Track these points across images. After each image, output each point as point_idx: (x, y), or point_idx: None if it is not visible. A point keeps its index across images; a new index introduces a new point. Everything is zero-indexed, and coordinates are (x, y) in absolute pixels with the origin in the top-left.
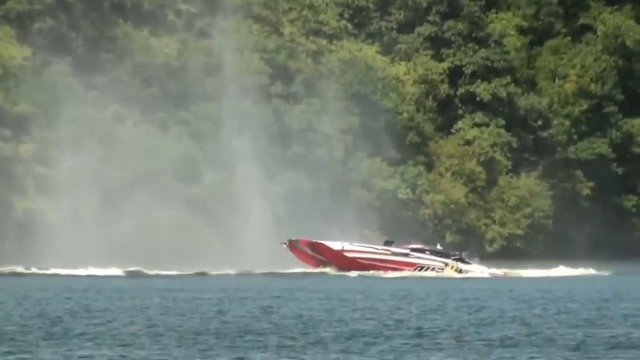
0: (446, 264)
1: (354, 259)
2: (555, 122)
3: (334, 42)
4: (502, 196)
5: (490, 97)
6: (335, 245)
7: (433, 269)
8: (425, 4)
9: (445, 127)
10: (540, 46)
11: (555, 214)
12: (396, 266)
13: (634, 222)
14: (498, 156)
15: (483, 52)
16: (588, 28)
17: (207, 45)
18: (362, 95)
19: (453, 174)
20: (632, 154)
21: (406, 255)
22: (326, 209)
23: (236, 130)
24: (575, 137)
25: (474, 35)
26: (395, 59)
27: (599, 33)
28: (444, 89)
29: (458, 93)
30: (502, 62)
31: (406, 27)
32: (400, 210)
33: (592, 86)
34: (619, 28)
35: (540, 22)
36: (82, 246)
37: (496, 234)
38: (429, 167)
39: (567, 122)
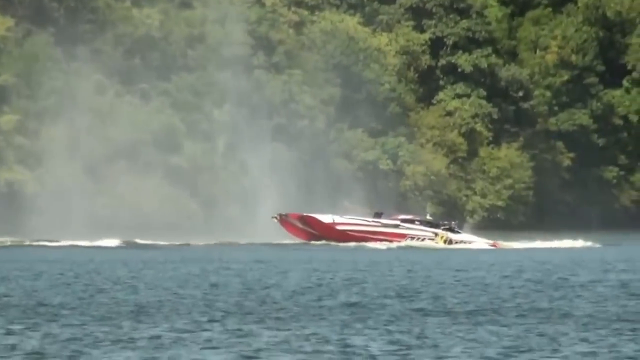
0: (436, 234)
1: (344, 231)
2: (536, 93)
3: (316, 13)
4: (483, 167)
5: (472, 68)
6: (326, 218)
7: (423, 239)
8: None
9: (427, 98)
10: (522, 17)
11: (536, 185)
12: (387, 237)
13: (615, 193)
14: (479, 127)
15: (464, 23)
16: None
17: (189, 16)
18: (343, 66)
19: (434, 145)
20: (612, 125)
21: (396, 226)
22: (307, 180)
23: (218, 101)
24: (556, 108)
25: (455, 6)
26: (377, 30)
27: (579, 4)
28: (426, 60)
29: (439, 64)
30: (483, 33)
31: None
32: (381, 181)
33: (573, 57)
34: None
35: None
36: (65, 217)
37: (477, 205)
38: (410, 138)
39: (548, 93)
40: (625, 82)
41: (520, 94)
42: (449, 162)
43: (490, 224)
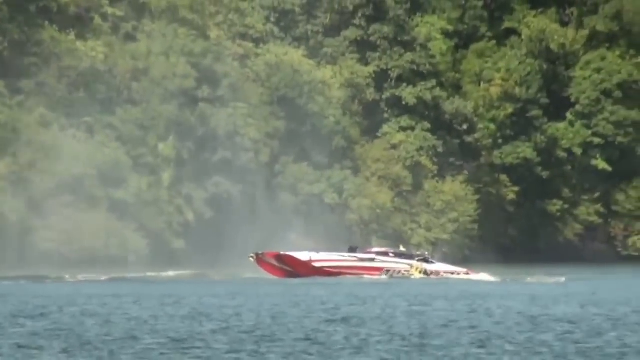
0: (411, 265)
1: (322, 268)
2: (481, 126)
3: (261, 45)
4: (428, 201)
5: (416, 101)
6: (303, 255)
7: (399, 271)
8: (351, 8)
9: (372, 131)
10: (466, 50)
11: (480, 218)
12: (364, 272)
13: (559, 226)
14: (424, 160)
15: (409, 56)
16: (513, 31)
17: (134, 49)
18: (288, 99)
19: (379, 178)
20: (556, 158)
21: (372, 260)
22: (253, 214)
23: (163, 135)
24: (500, 141)
25: (399, 39)
26: (322, 63)
27: (523, 36)
28: (370, 92)
29: (384, 97)
30: (427, 65)
31: (332, 30)
32: (326, 215)
33: (517, 90)
34: (544, 31)
35: (465, 26)
36: (7, 252)
37: (422, 238)
38: (356, 171)
39: (493, 126)
40: (569, 115)
41: (465, 127)
42: (394, 195)
43: (436, 258)
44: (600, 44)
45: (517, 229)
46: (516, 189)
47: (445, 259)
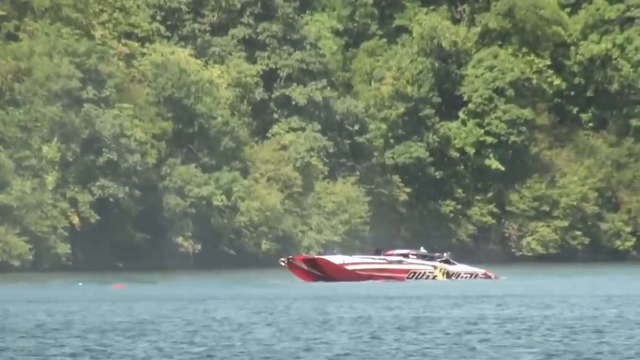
0: (435, 267)
1: (354, 271)
2: (372, 126)
3: (146, 45)
4: (319, 202)
5: (306, 101)
6: (336, 259)
7: (424, 273)
8: (238, 6)
9: (261, 132)
10: (356, 48)
11: (372, 219)
12: (392, 274)
13: (451, 227)
14: (314, 161)
15: (298, 55)
16: (404, 29)
17: (16, 48)
18: (175, 100)
19: (269, 179)
20: (449, 158)
21: (400, 262)
22: (140, 217)
23: (47, 137)
24: (392, 141)
25: (288, 37)
26: (209, 62)
27: (414, 34)
28: (259, 92)
29: (273, 97)
30: (317, 64)
31: (220, 29)
32: (215, 218)
33: (409, 89)
34: (435, 29)
35: (355, 24)
36: None
37: (313, 240)
38: (245, 172)
39: (384, 126)
40: (461, 114)
41: (356, 127)
42: (284, 197)
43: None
44: (493, 42)
45: (410, 231)
46: (408, 189)
47: None
